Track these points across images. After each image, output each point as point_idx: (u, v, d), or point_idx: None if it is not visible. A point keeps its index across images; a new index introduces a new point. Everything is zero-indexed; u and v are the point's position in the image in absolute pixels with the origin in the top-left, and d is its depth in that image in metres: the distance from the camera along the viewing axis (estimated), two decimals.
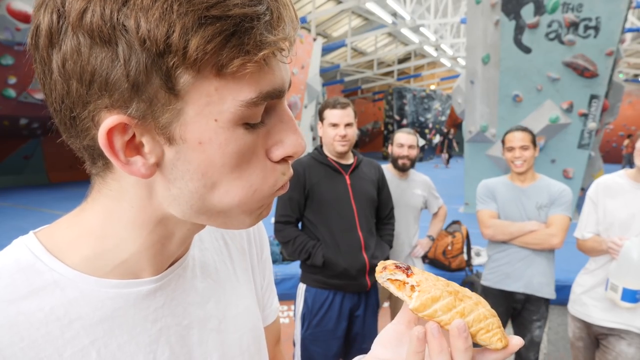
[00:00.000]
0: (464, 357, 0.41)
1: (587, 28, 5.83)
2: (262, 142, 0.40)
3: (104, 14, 0.32)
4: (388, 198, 2.29)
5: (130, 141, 0.37)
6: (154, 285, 0.46)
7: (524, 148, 2.22)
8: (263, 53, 0.34)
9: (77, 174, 10.68)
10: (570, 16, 5.84)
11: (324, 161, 2.10)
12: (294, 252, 2.05)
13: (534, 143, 2.25)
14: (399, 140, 2.64)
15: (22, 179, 10.56)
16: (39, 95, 8.14)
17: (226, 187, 0.39)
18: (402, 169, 2.64)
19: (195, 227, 0.46)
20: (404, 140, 2.62)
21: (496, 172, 6.16)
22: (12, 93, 7.82)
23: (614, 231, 1.94)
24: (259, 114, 0.38)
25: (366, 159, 2.25)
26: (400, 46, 21.04)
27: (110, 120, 0.35)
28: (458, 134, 19.77)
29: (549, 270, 2.25)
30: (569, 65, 5.97)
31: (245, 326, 0.56)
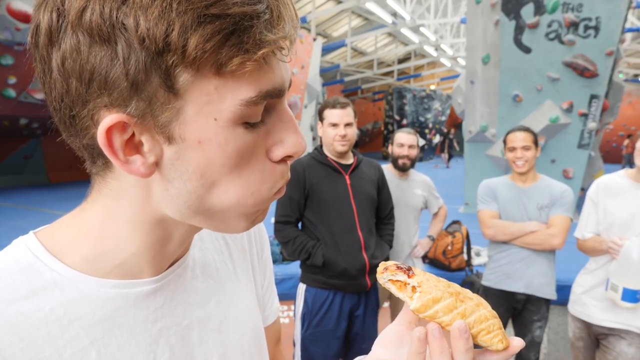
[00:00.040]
0: (465, 358, 0.41)
1: (587, 28, 5.82)
2: (262, 142, 0.40)
3: (104, 13, 0.32)
4: (388, 198, 2.29)
5: (129, 140, 0.37)
6: (154, 286, 0.46)
7: (526, 148, 2.22)
8: (262, 52, 0.34)
9: (77, 174, 10.68)
10: (570, 16, 5.84)
11: (323, 161, 2.10)
12: (293, 252, 2.05)
13: (536, 143, 2.24)
14: (399, 140, 2.64)
15: (22, 179, 10.56)
16: (39, 95, 8.14)
17: (225, 187, 0.39)
18: (402, 169, 2.64)
19: (194, 228, 0.46)
20: (404, 140, 2.62)
21: (496, 172, 6.16)
22: (12, 93, 7.82)
23: (614, 231, 1.94)
24: (258, 113, 0.38)
25: (366, 159, 2.25)
26: (400, 46, 21.04)
27: (109, 118, 0.35)
28: (458, 134, 19.77)
29: (550, 270, 2.25)
30: (569, 65, 5.97)
31: (245, 326, 0.56)
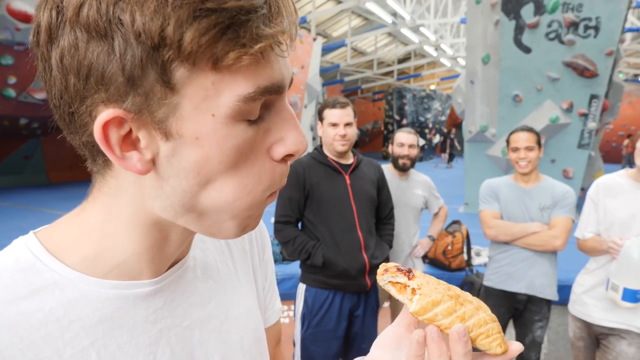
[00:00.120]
0: None
1: (587, 28, 5.82)
2: (262, 140, 0.39)
3: (100, 8, 0.32)
4: (388, 198, 2.29)
5: (127, 136, 0.36)
6: (154, 287, 0.45)
7: (529, 149, 2.21)
8: (259, 46, 0.34)
9: (77, 174, 10.69)
10: (570, 16, 5.84)
11: (323, 161, 2.09)
12: (293, 252, 2.05)
13: (539, 144, 2.23)
14: (400, 139, 2.64)
15: (22, 179, 10.56)
16: (39, 95, 8.15)
17: (221, 186, 0.38)
18: (403, 169, 2.64)
19: (191, 231, 0.45)
20: (405, 139, 2.62)
21: (496, 172, 6.17)
22: (12, 93, 7.82)
23: (615, 231, 1.94)
24: (257, 109, 0.37)
25: (366, 159, 2.25)
26: (400, 46, 21.04)
27: (105, 113, 0.35)
28: (458, 134, 19.78)
29: (551, 271, 2.25)
30: (569, 65, 5.97)
31: (247, 327, 0.55)
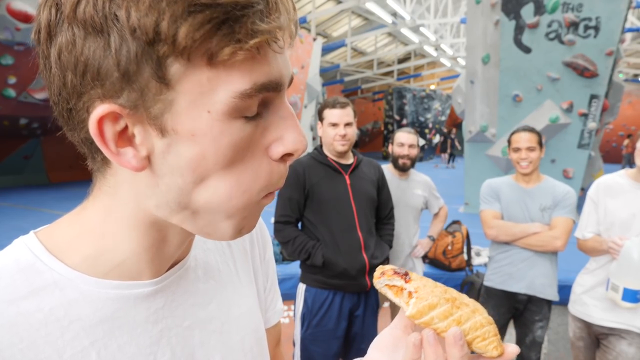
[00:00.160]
0: None
1: (587, 28, 5.82)
2: (260, 138, 0.39)
3: (97, 5, 0.32)
4: (388, 198, 2.29)
5: (123, 132, 0.36)
6: (154, 288, 0.45)
7: (531, 149, 2.21)
8: (254, 41, 0.34)
9: (77, 174, 10.69)
10: (570, 16, 5.84)
11: (323, 161, 2.09)
12: (293, 252, 2.05)
13: (541, 144, 2.23)
14: (400, 139, 2.63)
15: (22, 179, 10.55)
16: (39, 95, 8.14)
17: (216, 184, 0.38)
18: (403, 169, 2.64)
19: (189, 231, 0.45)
20: (405, 139, 2.62)
21: (496, 172, 6.17)
22: (12, 93, 7.82)
23: (615, 231, 1.94)
24: (254, 106, 0.37)
25: (366, 159, 2.25)
26: (400, 46, 21.04)
27: (100, 108, 0.35)
28: (458, 134, 19.79)
29: (552, 271, 2.25)
30: (569, 65, 5.97)
31: (248, 327, 0.55)
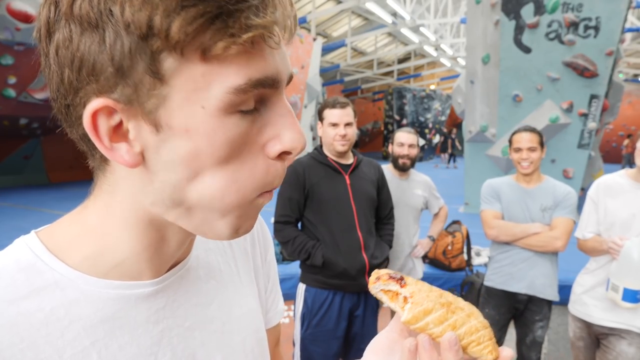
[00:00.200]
0: None
1: (587, 28, 5.82)
2: (256, 136, 0.39)
3: (92, 1, 0.33)
4: (388, 198, 2.29)
5: (117, 127, 0.36)
6: (155, 288, 0.45)
7: (532, 149, 2.21)
8: (248, 35, 0.34)
9: (77, 174, 10.68)
10: (570, 16, 5.84)
11: (323, 161, 2.09)
12: (293, 252, 2.05)
13: (542, 144, 2.23)
14: (400, 139, 2.63)
15: (22, 179, 10.55)
16: (39, 95, 8.14)
17: (210, 180, 0.38)
18: (403, 169, 2.64)
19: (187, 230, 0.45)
20: (405, 139, 2.62)
21: (496, 172, 6.17)
22: (12, 93, 7.81)
23: (615, 231, 1.94)
24: (249, 102, 0.37)
25: (366, 159, 2.25)
26: (400, 46, 21.04)
27: (95, 102, 0.35)
28: (459, 134, 19.80)
29: (552, 271, 2.25)
30: (569, 65, 5.97)
31: (249, 328, 0.55)
